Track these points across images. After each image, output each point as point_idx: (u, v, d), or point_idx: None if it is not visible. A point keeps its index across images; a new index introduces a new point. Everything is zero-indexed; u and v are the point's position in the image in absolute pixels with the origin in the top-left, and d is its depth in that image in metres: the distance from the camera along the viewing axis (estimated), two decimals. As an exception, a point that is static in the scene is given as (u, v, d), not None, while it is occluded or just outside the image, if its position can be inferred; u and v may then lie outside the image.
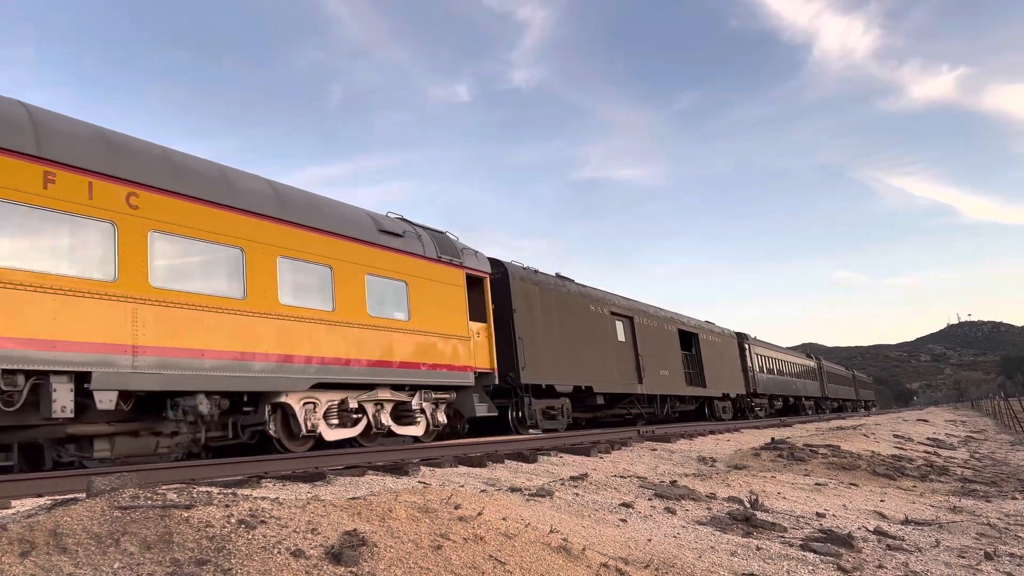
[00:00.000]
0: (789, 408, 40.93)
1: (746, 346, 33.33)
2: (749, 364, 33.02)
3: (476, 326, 14.98)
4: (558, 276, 20.20)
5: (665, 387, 23.56)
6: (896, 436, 20.45)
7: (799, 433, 19.40)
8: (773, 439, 15.07)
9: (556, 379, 17.63)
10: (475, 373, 14.65)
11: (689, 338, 27.52)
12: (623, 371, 21.08)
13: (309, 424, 10.94)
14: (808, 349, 75.01)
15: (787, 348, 45.39)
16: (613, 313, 21.36)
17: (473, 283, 15.29)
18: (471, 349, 14.53)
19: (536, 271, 18.49)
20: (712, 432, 18.00)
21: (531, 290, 17.57)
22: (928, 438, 22.05)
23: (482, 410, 14.59)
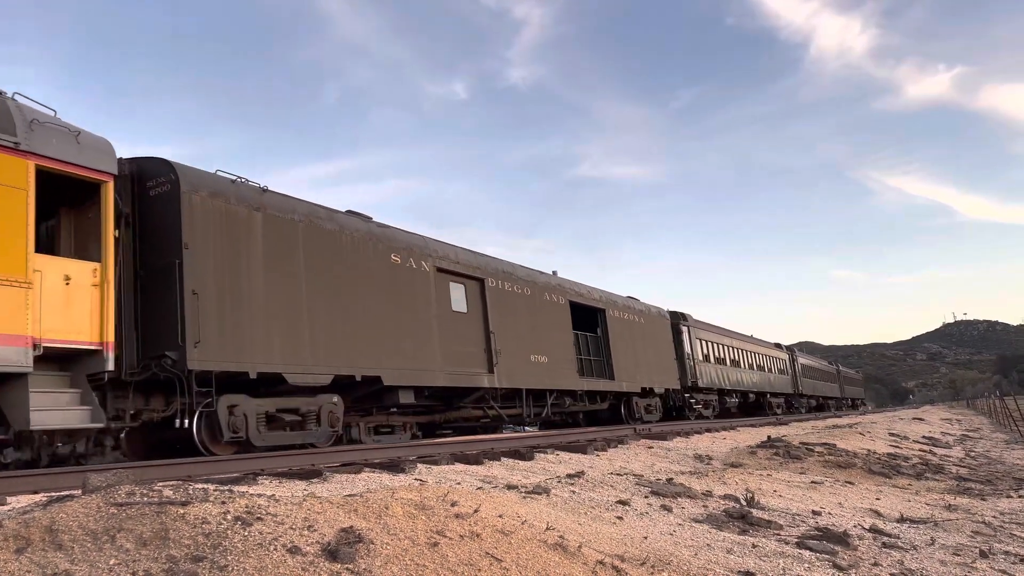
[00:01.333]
0: (751, 406, 34.57)
1: (684, 329, 26.91)
2: (688, 351, 26.64)
3: (69, 266, 8.71)
4: (340, 212, 12.99)
5: (540, 379, 16.60)
6: (892, 434, 20.50)
7: (795, 431, 19.45)
8: (769, 437, 15.10)
9: (288, 362, 10.60)
10: (55, 348, 8.26)
11: (591, 316, 20.87)
12: (460, 355, 14.20)
13: None
14: (804, 347, 73.06)
15: (750, 336, 37.78)
16: (443, 271, 14.43)
17: (68, 188, 9.09)
18: (41, 305, 8.21)
19: (265, 189, 11.24)
20: (708, 430, 18.03)
21: (238, 217, 10.47)
22: (924, 436, 22.12)
23: (55, 418, 8.05)
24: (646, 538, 4.99)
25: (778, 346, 42.74)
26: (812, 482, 9.33)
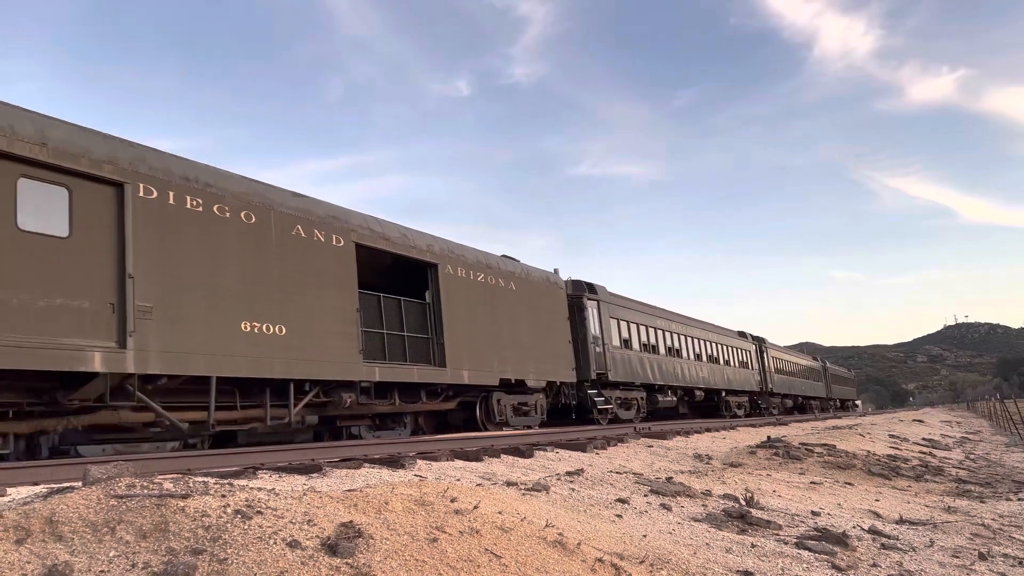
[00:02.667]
0: (703, 406, 28.64)
1: (590, 304, 20.46)
2: (596, 334, 20.36)
3: None
4: None
5: (262, 359, 10.26)
6: (892, 436, 20.50)
7: (795, 432, 19.45)
8: (769, 437, 15.10)
9: None
10: None
11: (418, 273, 14.65)
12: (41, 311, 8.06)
13: None
14: (806, 348, 71.92)
15: (701, 321, 30.11)
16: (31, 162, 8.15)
17: None
18: None
19: None
20: (708, 430, 18.03)
21: None
22: (924, 439, 22.11)
23: None
24: (645, 536, 4.99)
25: (742, 335, 34.79)
26: (811, 483, 9.33)
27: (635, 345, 23.09)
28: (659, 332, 25.13)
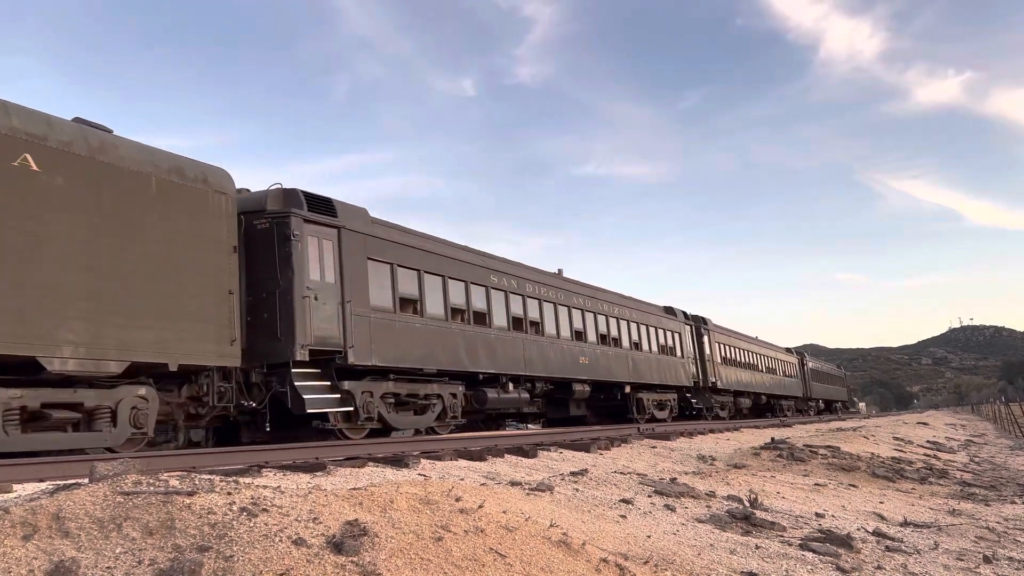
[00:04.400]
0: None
1: (305, 238, 11.68)
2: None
3: None
4: None
5: None
6: (896, 439, 20.45)
7: (799, 433, 19.42)
8: (773, 439, 15.08)
9: None
10: None
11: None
12: None
13: None
14: (810, 350, 70.33)
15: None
16: None
17: None
18: None
19: None
20: (712, 431, 18.02)
21: None
22: (928, 441, 22.05)
23: None
24: (649, 537, 4.99)
25: (669, 311, 28.80)
26: (816, 484, 9.32)
27: (427, 311, 14.21)
28: (492, 292, 16.57)
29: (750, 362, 33.82)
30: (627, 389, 22.34)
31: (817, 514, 7.02)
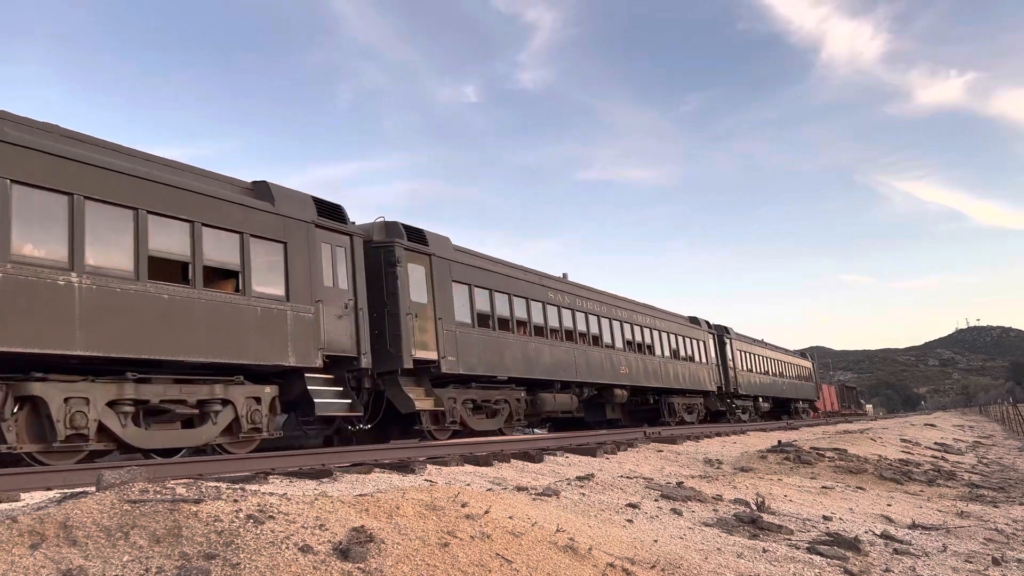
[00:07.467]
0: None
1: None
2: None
3: None
4: None
5: None
6: (903, 440, 20.37)
7: (806, 436, 19.37)
8: (780, 442, 15.04)
9: None
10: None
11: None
12: None
13: None
14: (816, 352, 69.78)
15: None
16: None
17: None
18: None
19: None
20: (718, 434, 17.97)
21: None
22: (936, 443, 21.96)
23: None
24: (656, 541, 4.98)
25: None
26: (823, 487, 9.28)
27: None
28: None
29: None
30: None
31: (824, 517, 7.00)
